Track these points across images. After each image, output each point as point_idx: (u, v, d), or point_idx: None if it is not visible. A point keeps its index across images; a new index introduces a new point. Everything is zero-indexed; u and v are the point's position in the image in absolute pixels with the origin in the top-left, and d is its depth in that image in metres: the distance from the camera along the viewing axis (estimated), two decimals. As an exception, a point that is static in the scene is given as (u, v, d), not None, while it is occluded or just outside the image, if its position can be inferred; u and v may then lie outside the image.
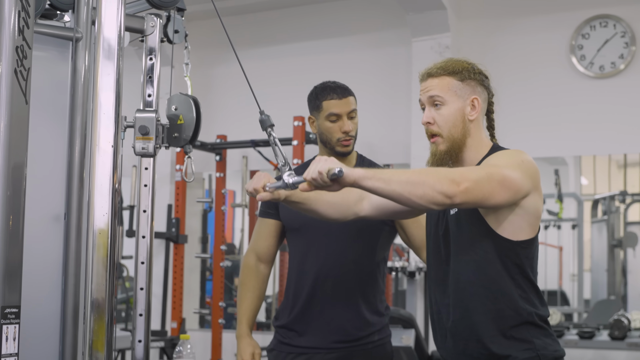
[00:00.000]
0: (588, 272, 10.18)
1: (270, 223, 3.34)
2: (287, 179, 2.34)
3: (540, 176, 2.47)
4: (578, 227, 9.47)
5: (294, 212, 3.17)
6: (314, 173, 2.24)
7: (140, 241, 2.40)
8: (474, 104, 2.53)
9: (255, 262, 3.35)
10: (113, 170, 1.84)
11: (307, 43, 7.10)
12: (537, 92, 6.17)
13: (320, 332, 3.17)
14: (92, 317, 1.83)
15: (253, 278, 3.34)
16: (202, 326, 7.60)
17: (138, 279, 2.39)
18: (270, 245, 3.35)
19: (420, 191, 2.22)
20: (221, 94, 7.17)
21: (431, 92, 2.53)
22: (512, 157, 2.41)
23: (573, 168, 11.59)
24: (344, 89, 3.26)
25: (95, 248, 1.85)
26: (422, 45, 6.14)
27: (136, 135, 2.34)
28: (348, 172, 2.21)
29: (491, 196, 2.29)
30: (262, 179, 2.46)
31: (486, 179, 2.28)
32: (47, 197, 2.22)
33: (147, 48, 2.44)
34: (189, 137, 2.46)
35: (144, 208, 2.40)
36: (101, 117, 1.91)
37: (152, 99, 2.43)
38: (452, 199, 2.22)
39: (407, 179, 2.23)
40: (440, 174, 2.27)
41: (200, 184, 7.59)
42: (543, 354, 2.39)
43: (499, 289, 2.41)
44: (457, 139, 2.50)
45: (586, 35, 6.04)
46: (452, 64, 2.56)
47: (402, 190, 2.22)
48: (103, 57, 1.91)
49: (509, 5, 6.36)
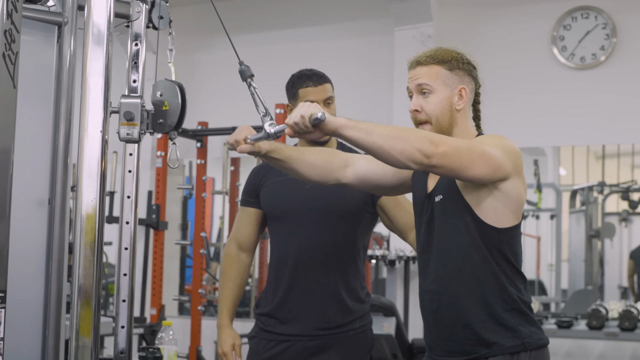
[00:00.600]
0: (566, 262, 10.27)
1: (251, 212, 3.35)
2: (268, 129, 2.30)
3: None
4: (556, 217, 9.54)
5: (275, 200, 3.18)
6: (296, 117, 2.24)
7: (124, 227, 2.39)
8: (461, 94, 2.55)
9: (237, 251, 3.36)
10: (102, 155, 1.84)
11: (290, 31, 7.10)
12: (518, 83, 6.20)
13: (302, 320, 3.19)
14: (79, 302, 1.83)
15: (234, 267, 3.35)
16: (181, 313, 7.60)
17: (122, 265, 2.39)
18: (251, 234, 3.36)
19: (400, 146, 2.23)
20: (203, 80, 7.16)
21: (419, 80, 2.54)
22: (495, 139, 2.44)
23: (552, 158, 11.65)
24: (319, 76, 3.26)
25: (82, 233, 1.85)
26: (405, 34, 6.16)
27: (121, 120, 2.34)
28: (330, 119, 2.22)
29: (469, 166, 2.31)
30: (243, 130, 2.44)
31: (466, 149, 2.31)
32: (31, 181, 2.21)
33: (133, 34, 2.42)
34: (174, 123, 2.45)
35: (128, 194, 2.40)
36: (90, 102, 1.91)
37: (137, 84, 2.41)
38: (430, 159, 2.24)
39: (388, 132, 2.24)
40: (421, 133, 2.30)
41: (180, 171, 7.57)
42: (528, 342, 2.42)
43: (484, 274, 2.44)
44: (444, 127, 2.52)
45: (567, 26, 6.08)
46: (441, 53, 2.58)
47: (382, 143, 2.24)
48: (92, 42, 1.91)
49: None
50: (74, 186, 2.02)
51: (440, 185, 2.53)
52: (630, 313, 5.83)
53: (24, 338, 2.16)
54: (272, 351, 3.22)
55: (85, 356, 1.81)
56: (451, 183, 2.47)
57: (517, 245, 2.50)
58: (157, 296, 6.48)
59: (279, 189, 3.26)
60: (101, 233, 1.82)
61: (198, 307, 6.39)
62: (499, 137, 2.46)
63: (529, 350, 2.42)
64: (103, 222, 1.81)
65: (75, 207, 1.89)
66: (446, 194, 2.48)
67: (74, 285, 1.84)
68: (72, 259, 1.88)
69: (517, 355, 2.42)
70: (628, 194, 9.72)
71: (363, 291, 3.28)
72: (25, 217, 2.19)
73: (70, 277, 2.01)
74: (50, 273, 2.10)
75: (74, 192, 2.06)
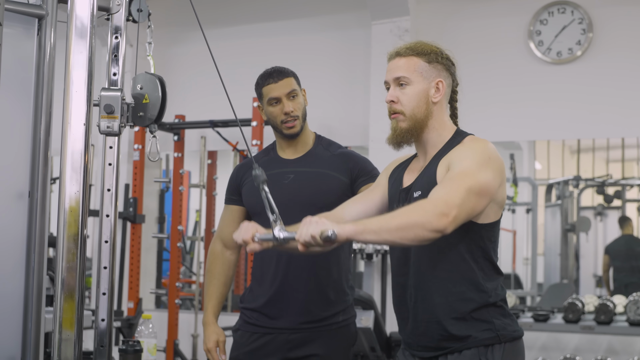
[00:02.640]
0: (541, 256, 10.33)
1: (234, 209, 3.37)
2: (277, 234, 2.37)
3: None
4: (532, 211, 9.58)
5: (254, 197, 3.19)
6: (307, 237, 2.25)
7: (104, 220, 2.40)
8: (438, 87, 2.57)
9: (222, 249, 3.39)
10: (85, 148, 1.84)
11: (267, 24, 7.09)
12: (495, 77, 6.24)
13: (285, 313, 3.21)
14: (62, 295, 1.84)
15: (219, 265, 3.38)
16: (158, 306, 7.59)
17: (102, 258, 2.40)
18: (235, 230, 3.37)
19: (412, 234, 2.25)
20: (179, 73, 7.14)
21: (397, 73, 2.57)
22: (480, 154, 2.44)
23: (527, 153, 11.71)
24: (280, 72, 3.26)
25: (65, 225, 1.85)
26: (382, 28, 6.17)
27: (101, 113, 2.34)
28: (340, 232, 2.23)
29: (474, 210, 2.35)
30: (249, 229, 2.45)
31: (467, 196, 2.32)
32: (11, 174, 2.21)
33: (113, 27, 2.43)
34: (154, 116, 2.46)
35: (108, 187, 2.41)
36: (73, 95, 1.91)
37: (117, 77, 2.42)
38: (444, 231, 2.26)
39: (396, 225, 2.25)
40: (427, 210, 2.28)
41: (157, 164, 7.56)
42: (502, 334, 2.45)
43: (461, 271, 2.46)
44: (420, 119, 2.55)
45: (544, 21, 6.11)
46: (421, 46, 2.60)
47: (393, 238, 2.26)
48: (75, 35, 1.91)
49: (468, -10, 6.42)
50: (55, 179, 2.02)
51: (420, 181, 2.54)
52: (607, 307, 5.89)
53: (4, 331, 2.16)
54: (255, 344, 3.24)
55: (68, 349, 1.81)
56: (431, 179, 2.48)
57: (495, 241, 2.53)
58: (135, 289, 6.47)
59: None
60: (84, 226, 1.82)
61: (175, 300, 6.39)
62: (483, 148, 2.47)
63: (503, 342, 2.45)
64: (86, 214, 1.82)
65: (59, 199, 1.90)
66: (425, 190, 2.47)
67: (57, 278, 1.85)
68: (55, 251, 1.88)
69: (491, 347, 2.44)
70: (603, 188, 9.80)
71: (347, 283, 3.31)
72: (4, 209, 2.19)
73: (50, 270, 2.01)
74: (33, 266, 2.10)
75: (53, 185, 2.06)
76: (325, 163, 3.26)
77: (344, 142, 6.58)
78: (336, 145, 3.35)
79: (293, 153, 3.31)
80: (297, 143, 3.29)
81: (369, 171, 3.26)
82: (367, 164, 3.30)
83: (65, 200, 1.89)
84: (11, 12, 2.23)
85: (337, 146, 3.35)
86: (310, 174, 3.25)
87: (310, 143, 3.33)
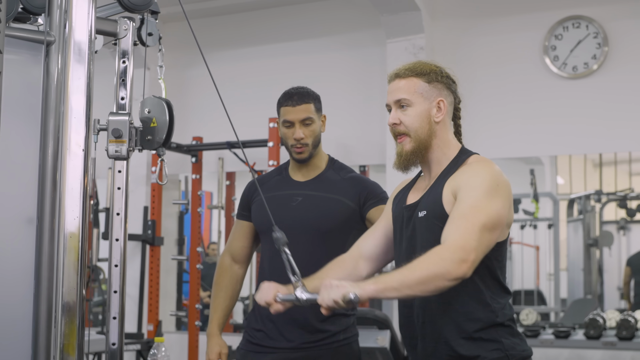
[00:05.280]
0: (564, 272, 10.24)
1: (244, 225, 3.41)
2: (300, 295, 2.43)
3: (517, 176, 2.52)
4: (554, 226, 9.51)
5: (262, 214, 3.21)
6: (329, 302, 2.29)
7: (114, 244, 2.41)
8: (439, 106, 2.57)
9: (230, 263, 3.43)
10: (84, 173, 1.85)
11: (283, 44, 7.12)
12: (512, 92, 6.22)
13: (287, 332, 3.22)
14: (63, 320, 1.84)
15: (226, 278, 3.41)
16: (178, 328, 7.60)
17: (112, 282, 2.41)
18: (245, 246, 3.42)
19: (433, 286, 2.26)
20: (197, 95, 7.18)
21: (397, 95, 2.57)
22: (488, 182, 2.42)
23: (549, 167, 11.65)
24: (301, 96, 3.28)
25: (66, 251, 1.86)
26: (397, 46, 6.18)
27: (109, 138, 2.35)
28: (362, 294, 2.26)
29: (489, 246, 2.37)
30: (270, 291, 2.51)
31: (481, 236, 2.32)
32: (20, 199, 2.22)
33: (120, 51, 2.45)
34: (162, 139, 2.47)
35: (118, 211, 2.42)
36: (72, 121, 1.92)
37: (125, 101, 2.43)
38: (465, 277, 2.28)
39: (417, 280, 2.26)
40: (444, 259, 2.28)
41: (176, 186, 7.59)
42: (511, 354, 2.43)
43: (468, 291, 2.44)
44: (424, 139, 2.55)
45: (559, 36, 6.10)
46: (419, 66, 2.60)
47: (414, 292, 2.29)
48: (74, 61, 1.92)
49: (482, 6, 6.41)
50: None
51: (425, 200, 2.53)
52: (628, 322, 5.83)
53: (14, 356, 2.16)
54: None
55: (71, 374, 1.82)
56: (437, 200, 2.48)
57: (502, 261, 2.51)
58: (154, 312, 6.48)
59: (268, 204, 3.28)
60: (84, 252, 1.83)
61: (195, 322, 6.40)
62: (489, 173, 2.45)
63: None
64: (85, 240, 1.83)
65: (58, 225, 1.90)
66: (431, 210, 2.48)
67: (58, 303, 1.85)
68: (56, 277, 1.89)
69: None
70: (625, 202, 9.71)
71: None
72: (15, 235, 2.20)
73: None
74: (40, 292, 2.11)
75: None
76: (335, 187, 3.27)
77: (362, 160, 6.64)
78: (347, 170, 3.37)
79: (304, 175, 3.34)
80: (308, 166, 3.32)
81: (377, 194, 3.28)
82: (375, 187, 3.31)
83: (65, 226, 1.90)
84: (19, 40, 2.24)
85: (348, 170, 3.37)
86: (317, 198, 3.27)
87: (322, 166, 3.35)
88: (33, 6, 2.35)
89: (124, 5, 2.44)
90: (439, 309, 2.47)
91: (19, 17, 2.38)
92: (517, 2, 6.33)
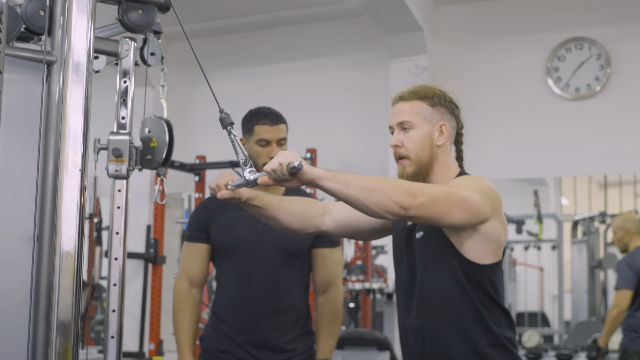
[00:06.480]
0: (569, 293, 10.23)
1: (201, 247, 3.38)
2: (248, 176, 2.35)
3: (520, 197, 2.54)
4: (558, 248, 9.51)
5: (227, 236, 3.22)
6: (274, 164, 2.26)
7: (113, 263, 2.42)
8: (442, 130, 2.59)
9: (189, 287, 3.39)
10: (80, 193, 1.87)
11: (286, 64, 7.15)
12: (514, 113, 6.25)
13: (256, 352, 3.24)
14: (58, 340, 1.85)
15: (189, 304, 3.38)
16: (180, 347, 7.58)
17: (110, 301, 2.41)
18: (202, 269, 3.40)
19: (377, 198, 2.25)
20: (200, 113, 7.20)
21: (400, 117, 2.59)
22: (473, 181, 2.47)
23: (553, 188, 11.65)
24: (276, 116, 3.32)
25: (62, 271, 1.87)
26: (400, 67, 6.21)
27: (109, 157, 2.37)
28: (307, 169, 2.24)
29: (447, 214, 2.34)
30: (225, 176, 2.50)
31: (444, 197, 2.33)
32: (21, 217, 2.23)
33: (121, 71, 2.47)
34: (162, 159, 2.49)
35: (117, 230, 2.44)
36: (69, 140, 1.94)
37: (126, 121, 2.45)
38: (407, 210, 2.26)
39: (365, 184, 2.26)
40: (399, 185, 2.30)
41: (179, 204, 7.60)
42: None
43: (466, 310, 2.46)
44: (425, 162, 2.57)
45: (562, 57, 6.12)
46: (424, 89, 2.63)
47: (359, 195, 2.26)
48: (72, 81, 1.94)
49: (485, 27, 6.44)
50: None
51: None
52: (630, 344, 5.82)
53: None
54: None
55: (66, 393, 1.83)
56: None
57: (498, 282, 2.52)
58: (155, 331, 6.48)
59: (231, 225, 3.31)
60: (80, 271, 1.84)
61: (196, 341, 6.38)
62: (478, 179, 2.50)
63: None
64: (81, 259, 1.84)
65: (55, 244, 1.92)
66: (427, 231, 2.51)
67: (53, 323, 1.87)
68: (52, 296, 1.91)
69: None
70: (630, 223, 9.69)
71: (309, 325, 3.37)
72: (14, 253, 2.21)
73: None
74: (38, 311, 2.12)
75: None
76: None
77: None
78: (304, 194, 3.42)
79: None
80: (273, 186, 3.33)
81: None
82: None
83: (62, 245, 1.91)
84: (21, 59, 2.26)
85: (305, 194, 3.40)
86: None
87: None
88: (35, 26, 2.37)
89: (125, 26, 2.46)
90: (438, 330, 2.48)
91: (22, 37, 2.40)
92: (519, 23, 6.36)
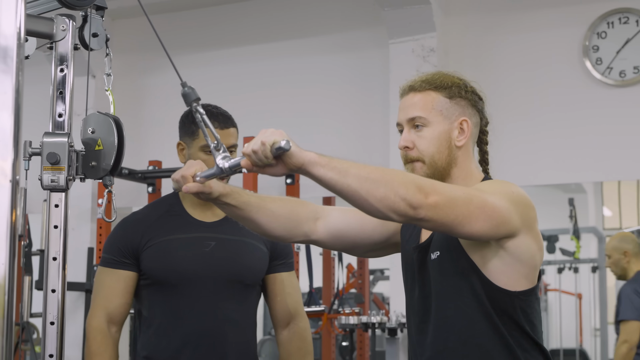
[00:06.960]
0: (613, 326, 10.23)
1: (126, 276, 3.32)
2: (221, 163, 2.26)
3: (553, 207, 2.52)
4: (600, 269, 9.50)
5: (165, 265, 3.20)
6: (256, 144, 2.18)
7: (49, 296, 2.39)
8: (462, 127, 2.57)
9: (108, 325, 3.30)
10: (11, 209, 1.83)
11: (262, 45, 7.13)
12: (545, 104, 6.21)
13: None
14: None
15: (109, 347, 3.30)
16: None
17: (47, 344, 2.39)
18: (126, 303, 3.34)
19: (381, 192, 2.19)
20: (155, 109, 7.16)
21: (411, 113, 2.57)
22: (500, 186, 2.45)
23: (593, 196, 11.66)
24: (227, 118, 3.33)
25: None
26: (401, 48, 6.17)
27: (44, 164, 2.33)
28: (296, 151, 2.16)
29: (466, 221, 2.28)
30: (193, 165, 2.40)
31: (463, 200, 2.28)
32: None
33: (58, 56, 2.43)
34: (109, 166, 2.45)
35: (54, 255, 2.39)
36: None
37: (64, 119, 2.40)
38: (417, 210, 2.20)
39: (367, 174, 2.21)
40: (408, 178, 2.26)
41: (128, 222, 7.56)
42: None
43: (495, 348, 2.44)
44: (441, 167, 2.54)
45: (602, 34, 6.12)
46: (439, 78, 2.60)
47: (358, 187, 2.20)
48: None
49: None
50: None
51: (438, 238, 2.52)
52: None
53: None
54: None
55: None
56: (453, 238, 2.46)
57: (533, 313, 2.49)
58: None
59: (169, 250, 3.28)
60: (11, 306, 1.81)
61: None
62: (506, 183, 2.47)
63: None
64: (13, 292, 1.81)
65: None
66: (445, 250, 2.48)
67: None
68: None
69: None
70: (688, 238, 9.72)
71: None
72: None
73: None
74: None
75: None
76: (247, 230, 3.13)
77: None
78: None
79: (211, 215, 3.34)
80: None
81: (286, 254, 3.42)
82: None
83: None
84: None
85: None
86: (233, 243, 3.30)
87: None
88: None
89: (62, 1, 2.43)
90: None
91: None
92: (550, -8, 6.35)
